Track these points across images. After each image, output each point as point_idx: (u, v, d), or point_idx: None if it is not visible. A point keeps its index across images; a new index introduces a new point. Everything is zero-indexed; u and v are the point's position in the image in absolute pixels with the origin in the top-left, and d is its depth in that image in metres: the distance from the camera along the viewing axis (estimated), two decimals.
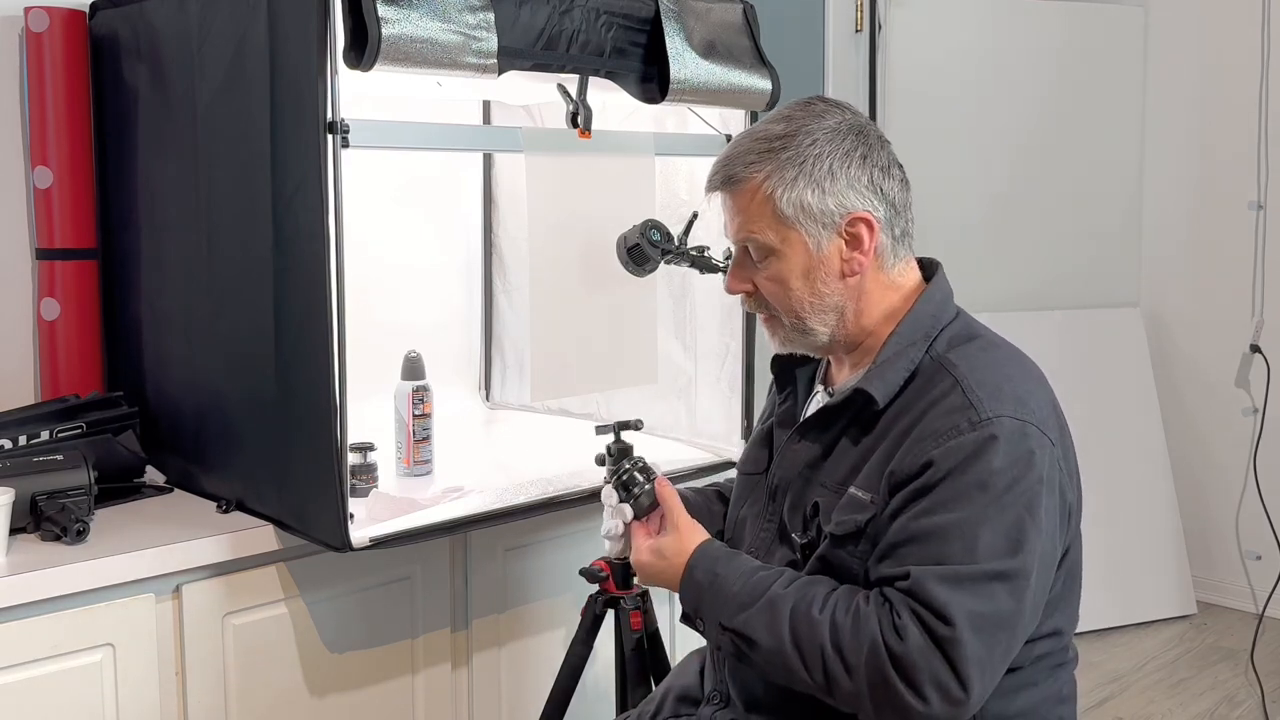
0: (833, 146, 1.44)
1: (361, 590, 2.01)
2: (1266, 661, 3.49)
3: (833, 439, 1.49)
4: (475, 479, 2.20)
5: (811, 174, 1.43)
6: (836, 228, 1.44)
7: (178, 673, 1.83)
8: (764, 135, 1.47)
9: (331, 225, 1.72)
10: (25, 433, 1.96)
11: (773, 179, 1.44)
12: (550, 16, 1.91)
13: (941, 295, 1.51)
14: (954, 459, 1.34)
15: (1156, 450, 3.95)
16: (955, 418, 1.36)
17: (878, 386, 1.43)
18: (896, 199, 1.47)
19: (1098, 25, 3.99)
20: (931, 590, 1.30)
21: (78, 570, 1.69)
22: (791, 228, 1.45)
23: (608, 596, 2.04)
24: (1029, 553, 1.33)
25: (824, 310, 1.48)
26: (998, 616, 1.32)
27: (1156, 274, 4.11)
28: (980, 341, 1.48)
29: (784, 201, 1.44)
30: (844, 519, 1.41)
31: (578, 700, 2.03)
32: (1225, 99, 3.89)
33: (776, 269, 1.47)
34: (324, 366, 1.74)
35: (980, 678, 1.31)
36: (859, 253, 1.45)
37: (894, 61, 3.73)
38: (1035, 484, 1.35)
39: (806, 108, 1.48)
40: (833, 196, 1.43)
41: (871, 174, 1.45)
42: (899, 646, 1.30)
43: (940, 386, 1.40)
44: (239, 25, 1.84)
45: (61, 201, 2.16)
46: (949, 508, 1.33)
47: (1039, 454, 1.36)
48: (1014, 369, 1.45)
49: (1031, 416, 1.38)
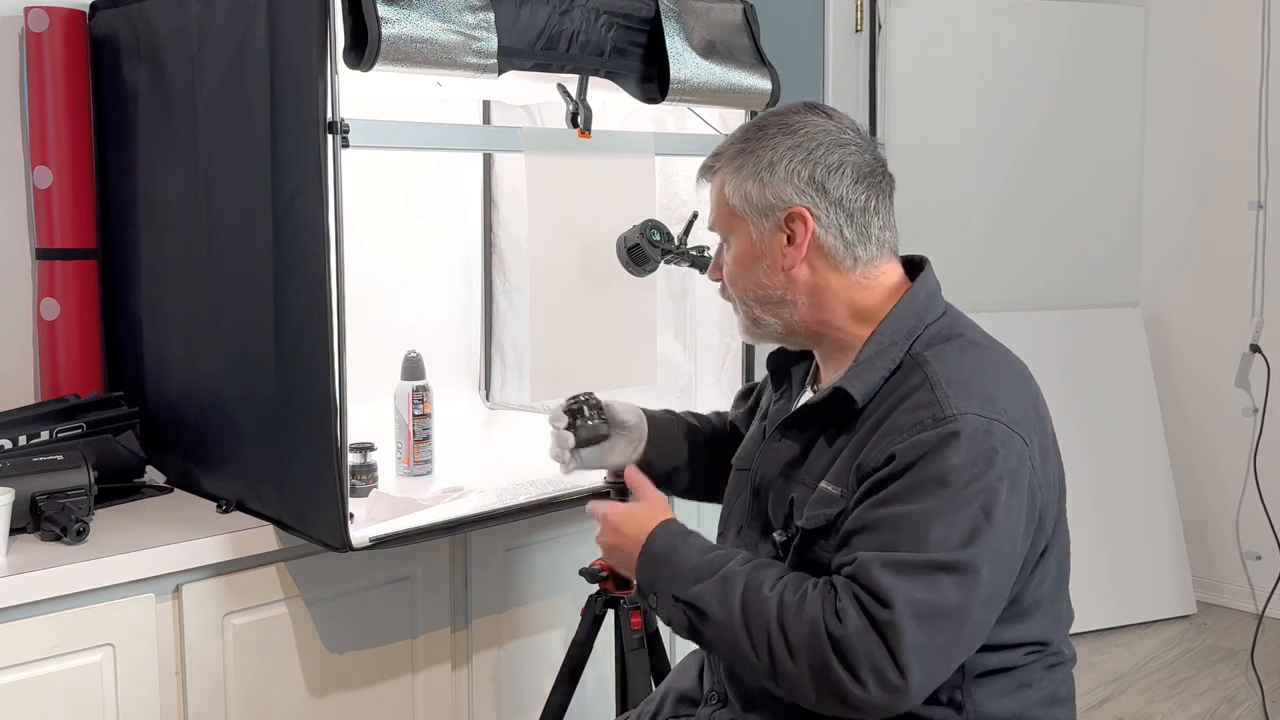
0: (779, 140, 1.47)
1: (361, 590, 2.01)
2: (1266, 661, 3.49)
3: (812, 437, 1.50)
4: (475, 479, 2.20)
5: (756, 167, 1.48)
6: (776, 221, 1.47)
7: (178, 673, 1.83)
8: (742, 130, 1.53)
9: (331, 225, 1.72)
10: (25, 433, 1.96)
11: (728, 170, 1.51)
12: (550, 16, 1.91)
13: (926, 294, 1.51)
14: (915, 453, 1.35)
15: (1156, 450, 3.95)
16: (920, 413, 1.37)
17: (856, 386, 1.45)
18: (847, 198, 1.47)
19: (1098, 25, 3.99)
20: (874, 574, 1.31)
21: (78, 570, 1.69)
22: (739, 217, 1.50)
23: (608, 596, 2.04)
24: (981, 547, 1.33)
25: (769, 301, 1.51)
26: (941, 606, 1.31)
27: (1156, 274, 4.11)
28: (961, 340, 1.47)
29: (731, 192, 1.50)
30: (815, 513, 1.43)
31: (578, 700, 2.03)
32: (1225, 99, 3.89)
33: (730, 256, 1.53)
34: (324, 366, 1.74)
35: (920, 666, 1.29)
36: (794, 247, 1.47)
37: (894, 61, 3.73)
38: (995, 481, 1.34)
39: (778, 110, 1.52)
40: (770, 188, 1.47)
41: (814, 171, 1.46)
42: (837, 629, 1.30)
43: (911, 382, 1.42)
44: (239, 25, 1.84)
45: (61, 201, 2.16)
46: (904, 500, 1.34)
47: (1003, 452, 1.36)
48: (989, 367, 1.45)
49: (999, 414, 1.38)
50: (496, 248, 2.77)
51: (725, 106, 2.24)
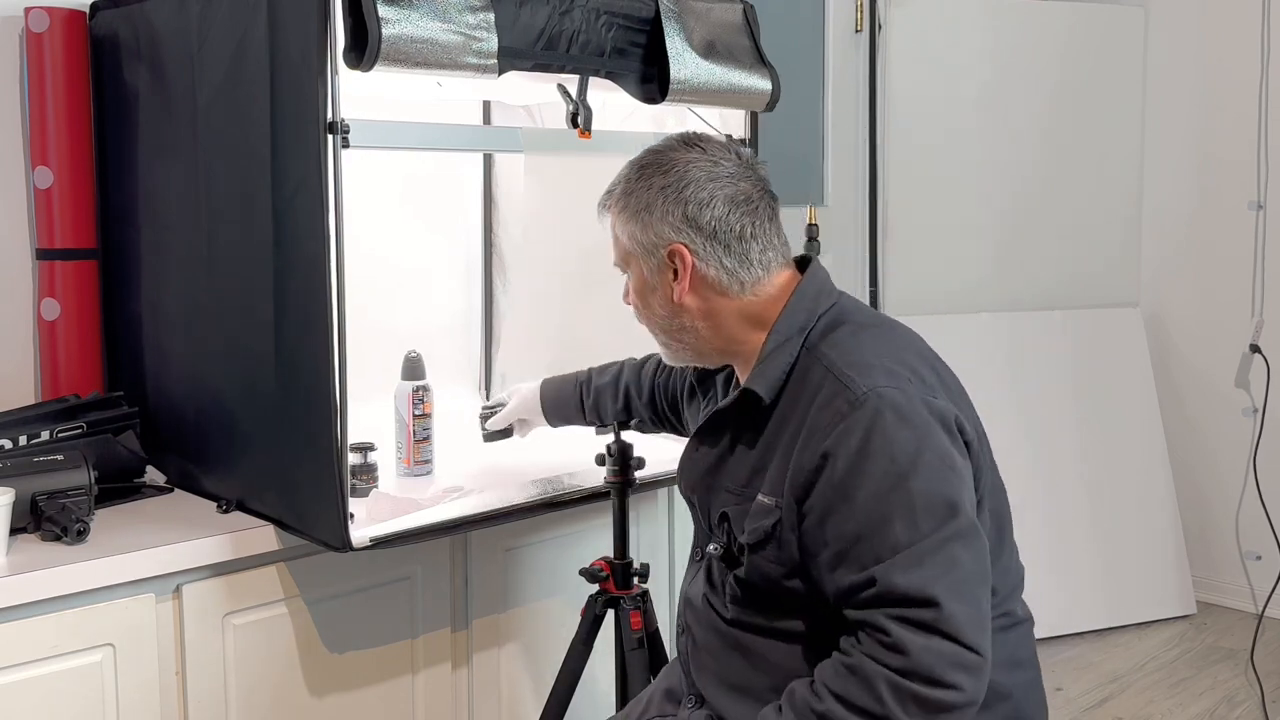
0: (652, 182, 1.55)
1: (361, 590, 2.01)
2: (1266, 661, 3.49)
3: (728, 443, 1.57)
4: (475, 479, 2.20)
5: (635, 210, 1.56)
6: (660, 258, 1.55)
7: (178, 673, 1.83)
8: (626, 170, 1.60)
9: (331, 225, 1.72)
10: (25, 433, 1.96)
11: (616, 211, 1.60)
12: (550, 16, 1.91)
13: (815, 288, 1.56)
14: (849, 444, 1.39)
15: (1156, 450, 3.95)
16: (835, 403, 1.42)
17: (760, 384, 1.51)
18: (720, 229, 1.53)
19: (1098, 25, 3.99)
20: (903, 583, 1.34)
21: (78, 570, 1.69)
22: (631, 254, 1.59)
23: (608, 596, 2.04)
24: (964, 504, 1.39)
25: (669, 330, 1.60)
26: (968, 574, 1.36)
27: (1156, 274, 4.11)
28: (850, 326, 1.53)
29: (621, 234, 1.59)
30: (754, 526, 1.48)
31: (578, 700, 2.03)
32: (1225, 99, 3.89)
33: (630, 287, 1.63)
34: (324, 366, 1.74)
35: (982, 635, 1.35)
36: (677, 282, 1.55)
37: (894, 61, 3.73)
38: (938, 438, 1.40)
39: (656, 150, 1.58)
40: (650, 228, 1.55)
41: (685, 209, 1.53)
42: (907, 662, 1.32)
43: (815, 379, 1.47)
44: (239, 25, 1.84)
45: (61, 201, 2.16)
46: (873, 496, 1.37)
47: (927, 410, 1.41)
48: (882, 344, 1.51)
49: (904, 382, 1.43)
50: (496, 248, 2.76)
51: (725, 107, 2.24)
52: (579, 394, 2.10)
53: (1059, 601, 3.70)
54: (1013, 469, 3.76)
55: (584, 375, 2.12)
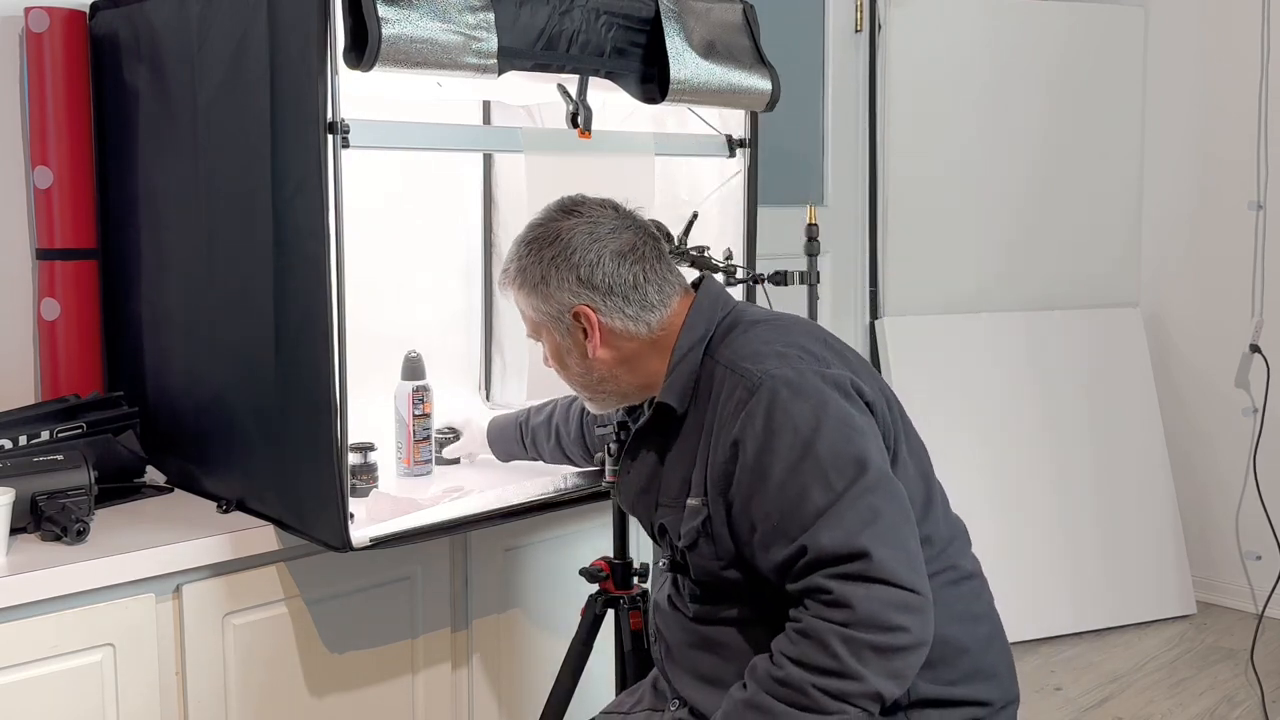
0: (541, 255, 1.64)
1: (361, 590, 2.01)
2: (1266, 661, 3.49)
3: (653, 459, 1.66)
4: (475, 479, 2.20)
5: (534, 285, 1.65)
6: (567, 322, 1.64)
7: (178, 673, 1.83)
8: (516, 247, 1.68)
9: (331, 225, 1.72)
10: (25, 433, 1.96)
11: (514, 287, 1.68)
12: (550, 16, 1.91)
13: (708, 301, 1.65)
14: (754, 427, 1.48)
15: (1156, 450, 3.95)
16: (736, 394, 1.52)
17: (670, 395, 1.61)
18: (611, 281, 1.62)
19: (1098, 25, 3.98)
20: (828, 544, 1.42)
21: (78, 570, 1.69)
22: (539, 324, 1.68)
23: (608, 596, 2.04)
24: (871, 456, 1.46)
25: (591, 384, 1.69)
26: (890, 521, 1.43)
27: (1156, 274, 4.11)
28: (741, 325, 1.62)
29: (527, 307, 1.68)
30: (687, 529, 1.58)
31: (578, 700, 2.03)
32: (1225, 99, 3.89)
33: (547, 353, 1.71)
34: (324, 366, 1.74)
35: (917, 574, 1.43)
36: (589, 341, 1.64)
37: (894, 61, 3.73)
38: (835, 403, 1.48)
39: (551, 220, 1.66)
40: (552, 301, 1.64)
41: (577, 272, 1.62)
42: (850, 615, 1.39)
43: (718, 379, 1.57)
44: (239, 25, 1.84)
45: (61, 201, 2.16)
46: (785, 471, 1.46)
47: (820, 379, 1.50)
48: (772, 334, 1.60)
49: (794, 361, 1.53)
50: (496, 248, 2.76)
51: (725, 106, 2.24)
52: (519, 433, 2.22)
53: (1059, 601, 3.70)
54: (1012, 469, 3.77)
55: (523, 415, 2.23)
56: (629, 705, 1.78)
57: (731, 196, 2.34)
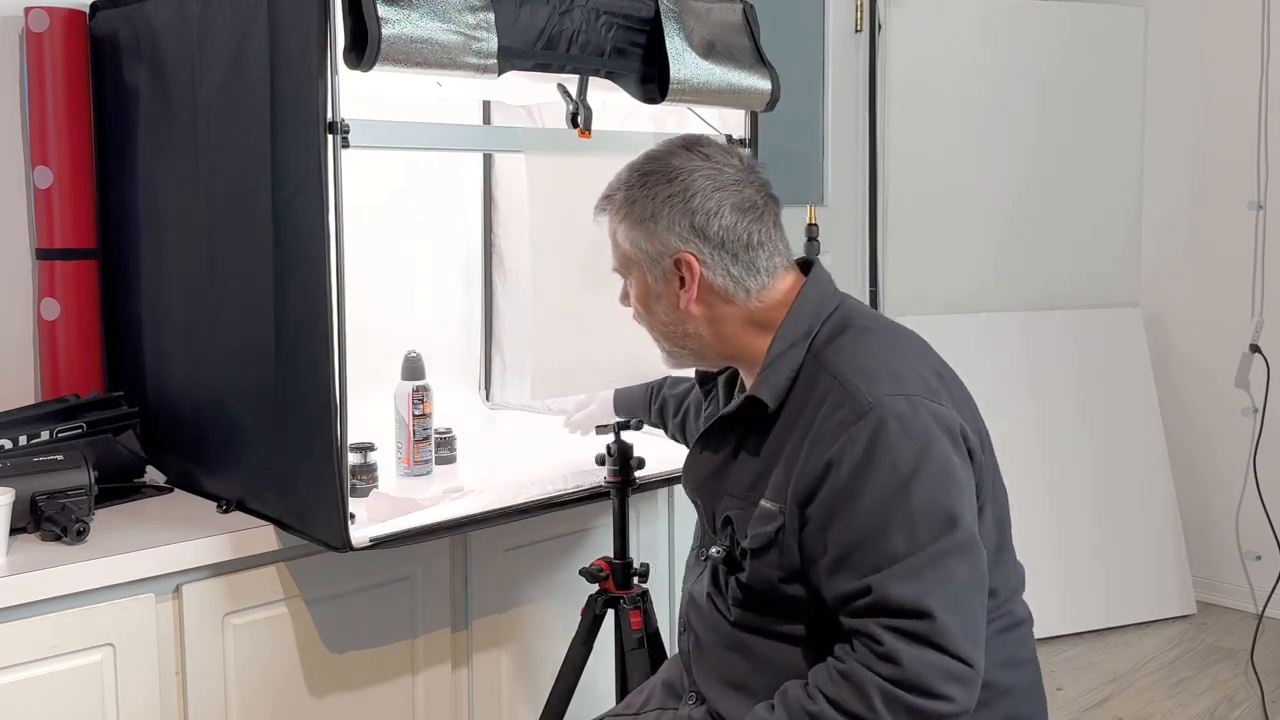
0: (658, 190, 1.53)
1: (361, 590, 2.01)
2: (1266, 661, 3.49)
3: (733, 448, 1.56)
4: (475, 479, 2.20)
5: (640, 217, 1.54)
6: (666, 266, 1.54)
7: (178, 673, 1.83)
8: (628, 171, 1.58)
9: (331, 225, 1.72)
10: (25, 433, 1.96)
11: (616, 217, 1.58)
12: (550, 16, 1.91)
13: (818, 293, 1.56)
14: (853, 453, 1.39)
15: (1156, 450, 3.95)
16: (841, 412, 1.42)
17: (765, 391, 1.50)
18: (728, 237, 1.52)
19: (1098, 25, 3.99)
20: (898, 594, 1.35)
21: (78, 570, 1.69)
22: (633, 261, 1.57)
23: (608, 596, 2.04)
24: (964, 515, 1.39)
25: (673, 336, 1.59)
26: (963, 586, 1.37)
27: (1156, 274, 4.11)
28: (854, 330, 1.52)
29: (623, 240, 1.57)
30: (757, 532, 1.48)
31: (578, 700, 2.03)
32: (1225, 99, 3.89)
33: (632, 294, 1.61)
34: (324, 366, 1.74)
35: (975, 646, 1.37)
36: (684, 291, 1.54)
37: (894, 61, 3.73)
38: (941, 449, 1.40)
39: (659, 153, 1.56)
40: (655, 238, 1.53)
41: (693, 219, 1.51)
42: (899, 671, 1.34)
43: (822, 386, 1.47)
44: (239, 25, 1.84)
45: (61, 201, 2.16)
46: (873, 505, 1.38)
47: (932, 418, 1.41)
48: (887, 349, 1.50)
49: (912, 388, 1.43)
50: (496, 248, 2.76)
51: (725, 106, 2.24)
52: (648, 396, 2.14)
53: (1059, 601, 3.70)
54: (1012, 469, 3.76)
55: (657, 382, 2.15)
56: (638, 705, 1.75)
57: None
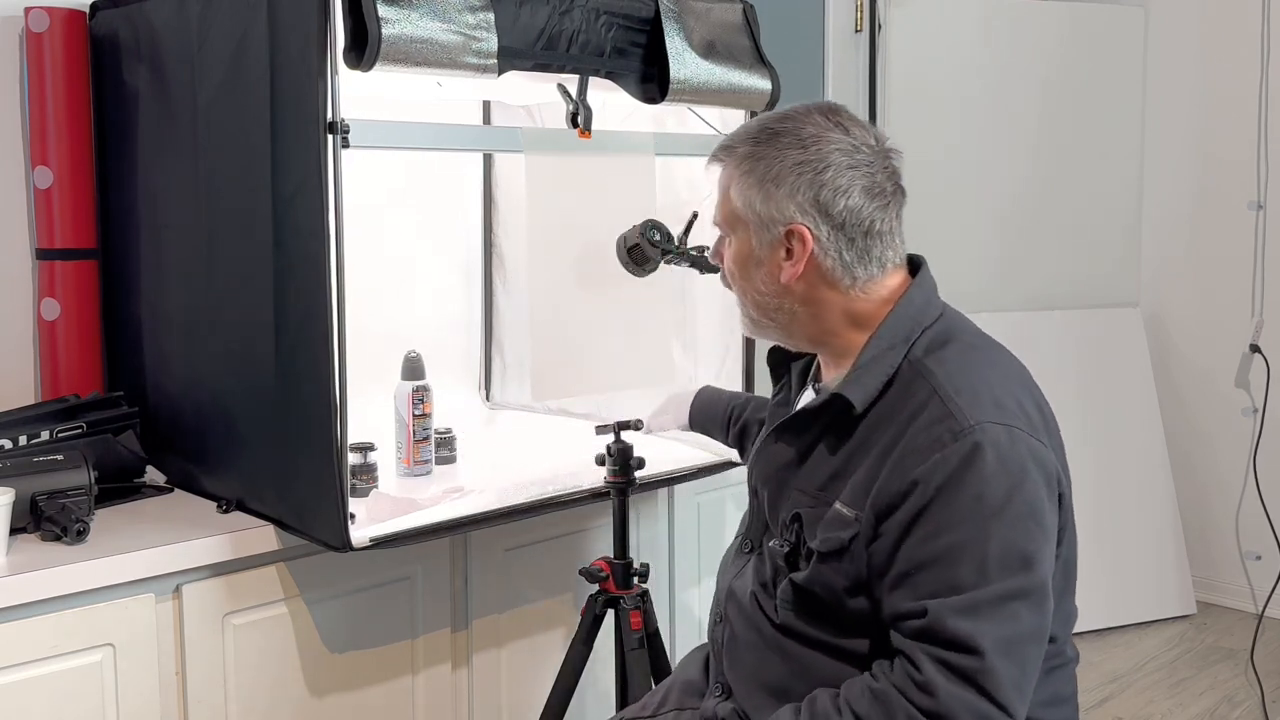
0: (792, 154, 1.43)
1: (361, 590, 2.01)
2: (1266, 661, 3.49)
3: (810, 443, 1.48)
4: (475, 479, 2.20)
5: (763, 176, 1.44)
6: (776, 234, 1.44)
7: (178, 673, 1.83)
8: (757, 125, 1.48)
9: (331, 225, 1.72)
10: (25, 433, 1.96)
11: (736, 169, 1.46)
12: (550, 16, 1.91)
13: (923, 297, 1.48)
14: (942, 474, 1.32)
15: (1156, 450, 3.95)
16: (937, 430, 1.34)
17: (855, 391, 1.42)
18: (850, 221, 1.43)
19: (1098, 25, 3.99)
20: (952, 626, 1.29)
21: (78, 570, 1.69)
22: (741, 219, 1.47)
23: (608, 596, 2.04)
24: (1042, 562, 1.32)
25: (764, 307, 1.49)
26: (1023, 635, 1.31)
27: (1156, 274, 4.11)
28: (958, 344, 1.45)
29: (736, 195, 1.47)
30: (829, 536, 1.40)
31: (578, 700, 2.04)
32: (1225, 99, 3.89)
33: (731, 253, 1.51)
34: (324, 366, 1.74)
35: (1020, 698, 1.31)
36: (790, 264, 1.44)
37: (894, 61, 3.73)
38: (1033, 488, 1.33)
39: (798, 112, 1.47)
40: (774, 201, 1.43)
41: (819, 193, 1.42)
42: (932, 703, 1.29)
43: (919, 397, 1.38)
44: (239, 25, 1.84)
45: (61, 201, 2.16)
46: (950, 528, 1.31)
47: (1030, 457, 1.35)
48: (991, 371, 1.43)
49: (1014, 419, 1.36)
50: (496, 248, 2.77)
51: (725, 106, 2.24)
52: (727, 416, 2.04)
53: None
54: None
55: (740, 400, 2.06)
56: (653, 707, 1.70)
57: None
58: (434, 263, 2.68)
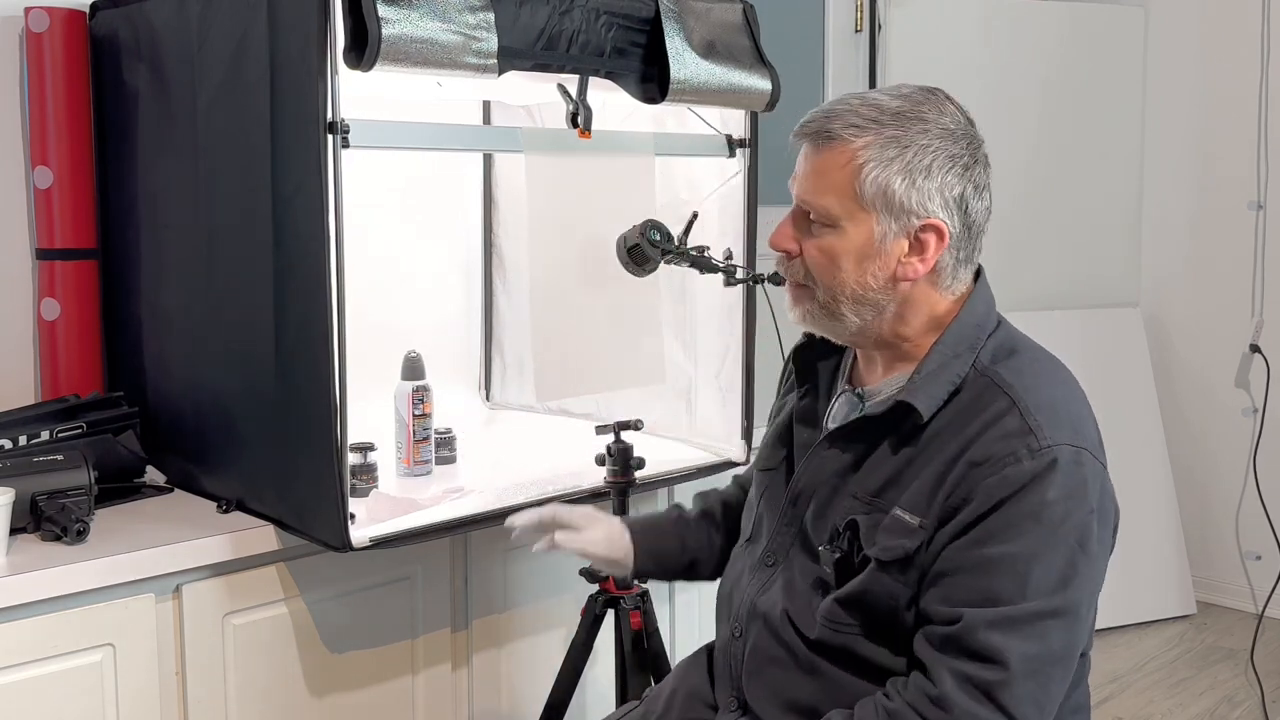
0: (942, 144, 1.36)
1: (361, 590, 2.01)
2: (1266, 661, 3.49)
3: (866, 449, 1.42)
4: (475, 479, 2.20)
5: (910, 163, 1.35)
6: (908, 227, 1.36)
7: (178, 673, 1.83)
8: (877, 104, 1.38)
9: (331, 225, 1.72)
10: (25, 433, 1.96)
11: (870, 151, 1.35)
12: (550, 16, 1.91)
13: (984, 305, 1.45)
14: (1008, 488, 1.29)
15: (1156, 450, 3.95)
16: (1014, 443, 1.31)
17: (922, 400, 1.36)
18: (977, 222, 1.40)
19: (1098, 25, 3.98)
20: (983, 638, 1.27)
21: (78, 570, 1.69)
22: (865, 209, 1.36)
23: (608, 596, 2.04)
24: (1079, 586, 1.31)
25: (863, 303, 1.39)
26: (1051, 655, 1.29)
27: (1156, 274, 4.11)
28: (1026, 356, 1.42)
29: (869, 180, 1.35)
30: (891, 544, 1.35)
31: (578, 700, 2.04)
32: (1225, 99, 3.89)
33: (832, 243, 1.39)
34: (324, 366, 1.74)
35: (1041, 713, 1.29)
36: (919, 259, 1.38)
37: (894, 61, 3.73)
38: (1088, 515, 1.32)
39: (929, 96, 1.41)
40: (919, 193, 1.35)
41: (965, 188, 1.37)
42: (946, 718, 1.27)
43: (995, 407, 1.34)
44: (239, 25, 1.84)
45: (61, 201, 2.16)
46: (1001, 539, 1.29)
47: (1092, 482, 1.33)
48: (1064, 389, 1.41)
49: (1086, 442, 1.34)
50: (496, 248, 2.77)
51: (725, 106, 2.24)
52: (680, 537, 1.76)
53: None
54: None
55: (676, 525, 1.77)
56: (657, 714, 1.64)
57: (731, 196, 2.34)
58: (434, 263, 2.68)
